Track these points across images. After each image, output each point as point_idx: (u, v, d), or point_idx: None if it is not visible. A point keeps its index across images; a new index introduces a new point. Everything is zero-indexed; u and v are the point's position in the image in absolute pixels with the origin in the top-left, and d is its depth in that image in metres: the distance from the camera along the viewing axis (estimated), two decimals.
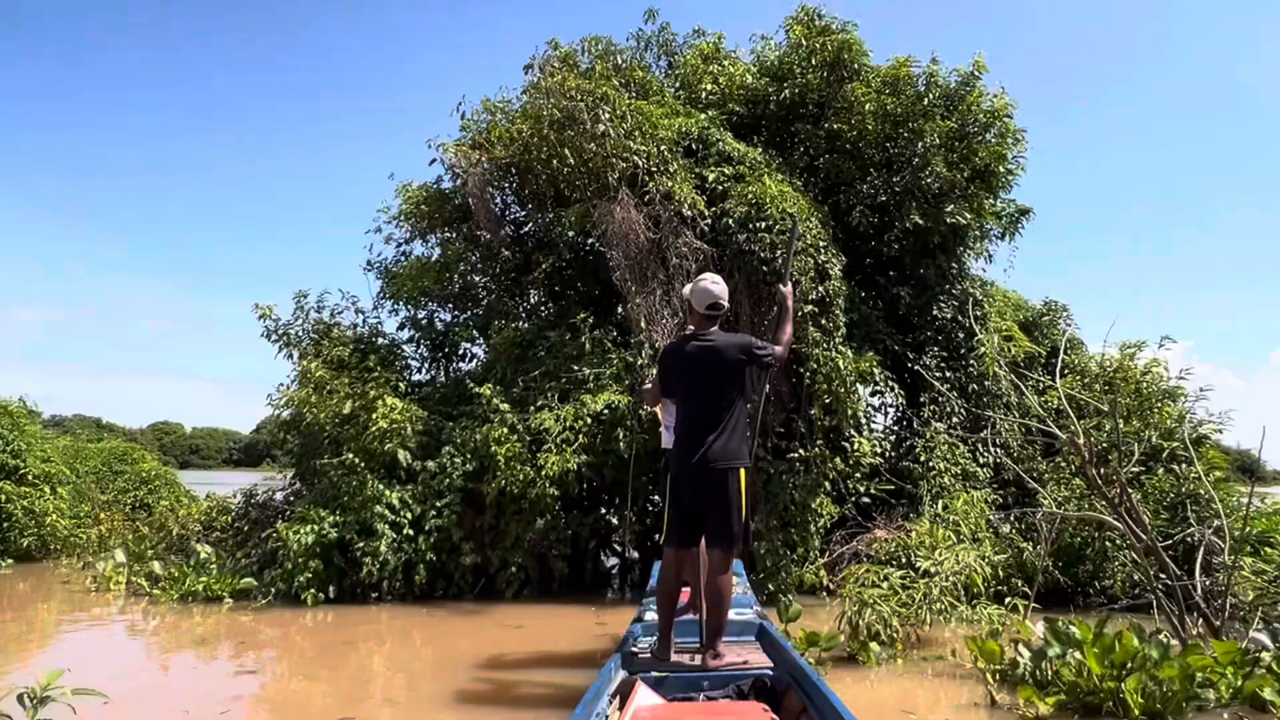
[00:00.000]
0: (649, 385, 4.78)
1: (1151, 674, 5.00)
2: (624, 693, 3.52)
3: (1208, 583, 6.62)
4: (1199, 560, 6.65)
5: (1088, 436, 6.46)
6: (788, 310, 4.54)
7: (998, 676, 5.66)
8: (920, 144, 11.31)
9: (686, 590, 4.91)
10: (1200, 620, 6.25)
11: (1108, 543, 9.30)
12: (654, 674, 3.78)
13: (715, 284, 4.35)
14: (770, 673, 3.77)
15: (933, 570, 7.45)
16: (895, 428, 12.25)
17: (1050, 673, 5.39)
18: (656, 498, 11.72)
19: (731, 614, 4.46)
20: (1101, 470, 7.39)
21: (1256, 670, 5.32)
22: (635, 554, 12.57)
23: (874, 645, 6.55)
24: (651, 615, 4.78)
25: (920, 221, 11.23)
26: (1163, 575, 6.32)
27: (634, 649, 4.26)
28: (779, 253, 9.59)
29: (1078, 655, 5.29)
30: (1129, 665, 5.08)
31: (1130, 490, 8.02)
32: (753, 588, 6.87)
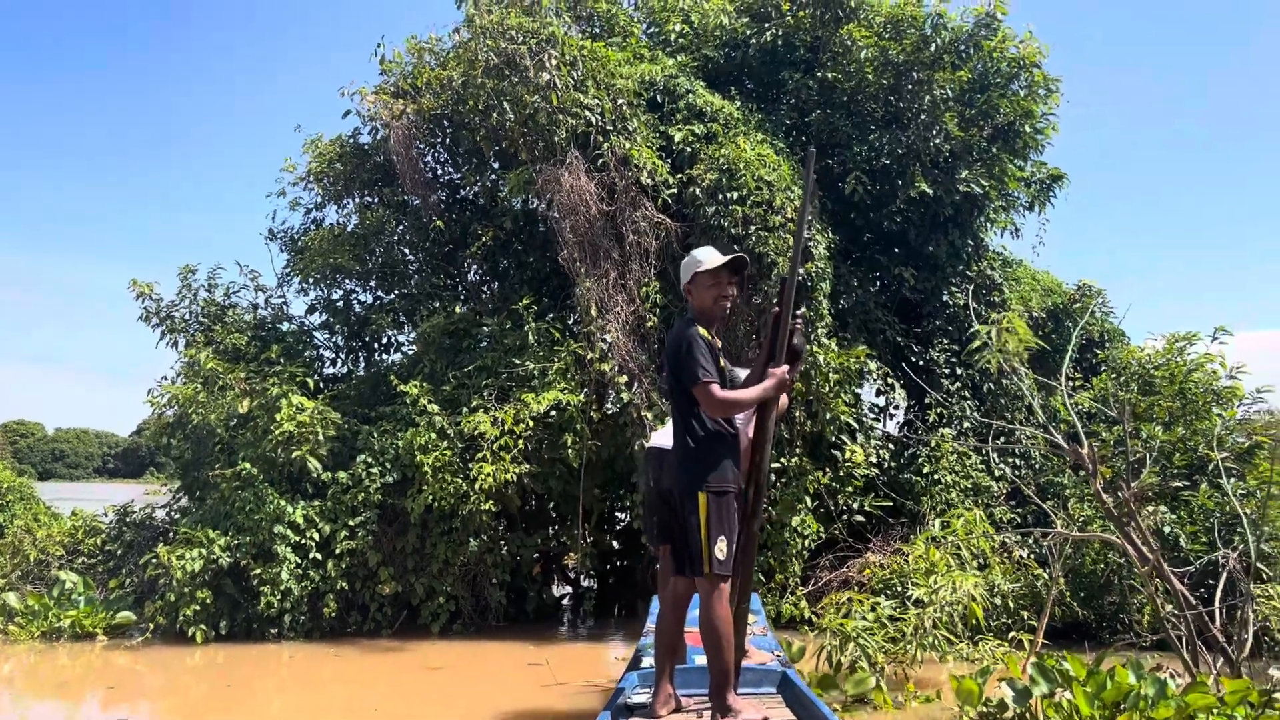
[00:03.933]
0: None
1: (1146, 714, 5.50)
2: None
3: (1226, 614, 7.12)
4: (1220, 588, 7.15)
5: (1093, 446, 6.94)
6: (771, 395, 4.29)
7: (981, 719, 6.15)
8: (928, 98, 11.75)
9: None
10: (1220, 657, 6.76)
11: (1133, 571, 9.83)
12: None
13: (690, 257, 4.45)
14: None
15: (926, 599, 7.94)
16: (898, 434, 12.76)
17: (1040, 714, 5.88)
18: (620, 515, 12.17)
19: (749, 659, 4.61)
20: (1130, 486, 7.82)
21: (1269, 711, 5.80)
22: (591, 582, 13.03)
23: (880, 686, 6.99)
24: (650, 660, 4.81)
25: (928, 190, 11.69)
26: (1174, 605, 6.84)
27: (628, 702, 4.38)
28: (780, 311, 9.41)
29: (1068, 695, 5.78)
30: (1121, 705, 5.58)
31: (1148, 506, 8.50)
32: None
